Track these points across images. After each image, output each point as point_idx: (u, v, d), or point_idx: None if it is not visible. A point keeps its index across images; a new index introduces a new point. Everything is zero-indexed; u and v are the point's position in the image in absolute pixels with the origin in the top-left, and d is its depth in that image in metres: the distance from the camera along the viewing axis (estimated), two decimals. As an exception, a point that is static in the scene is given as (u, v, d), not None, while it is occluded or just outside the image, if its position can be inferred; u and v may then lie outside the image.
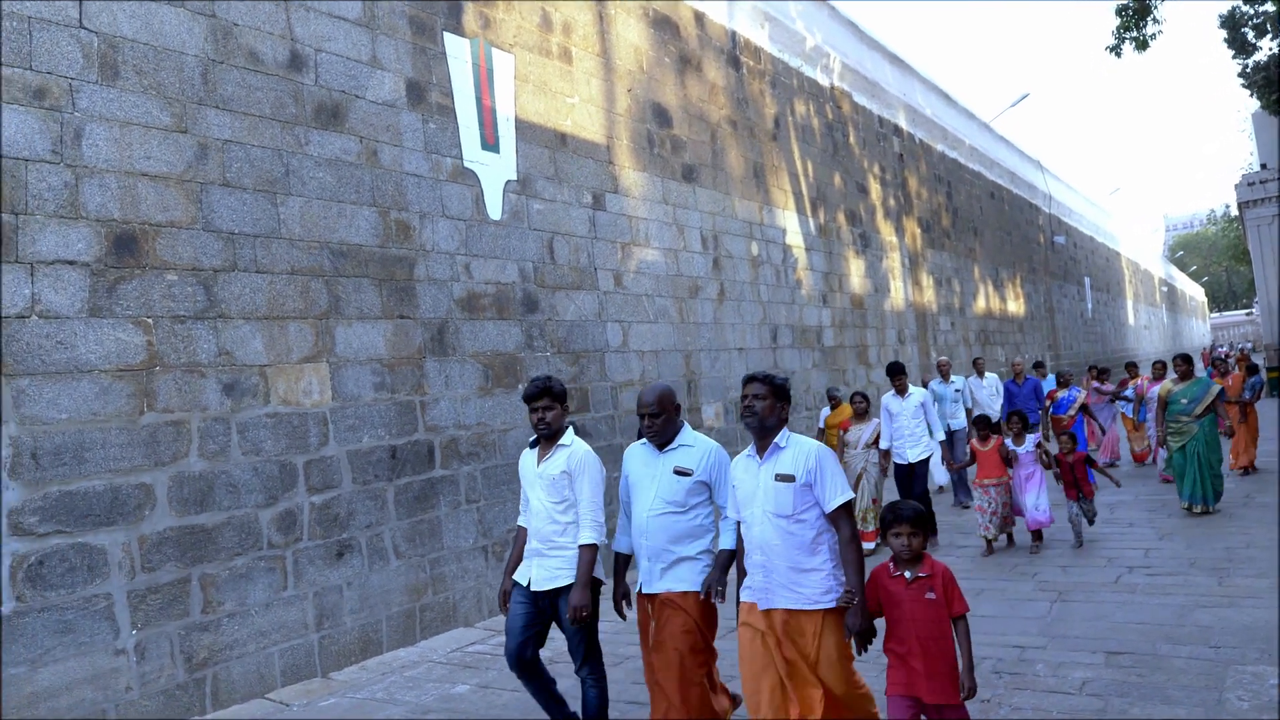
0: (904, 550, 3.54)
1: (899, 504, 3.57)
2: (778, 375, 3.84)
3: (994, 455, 8.32)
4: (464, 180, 7.61)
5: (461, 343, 7.40)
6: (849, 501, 3.67)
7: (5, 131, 4.83)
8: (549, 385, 4.25)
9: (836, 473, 3.69)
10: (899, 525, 3.55)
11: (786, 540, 3.66)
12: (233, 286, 5.82)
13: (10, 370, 4.76)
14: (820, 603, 3.65)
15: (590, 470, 4.25)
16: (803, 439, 3.78)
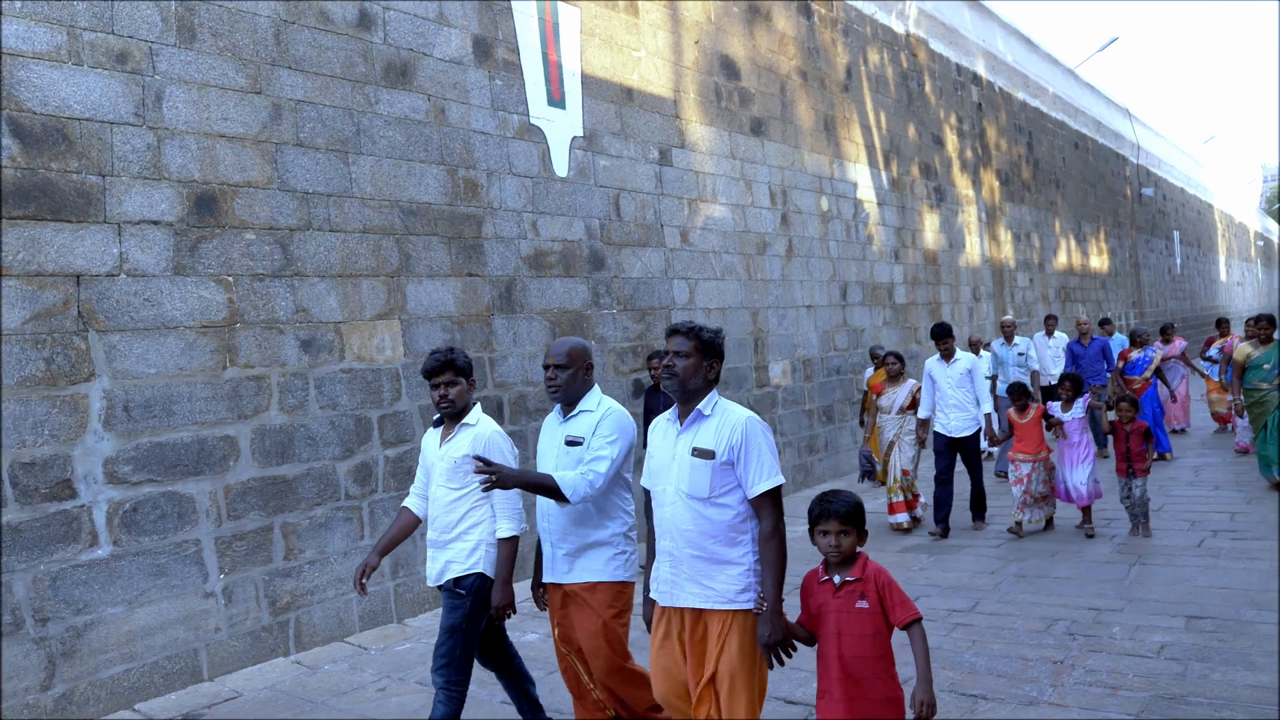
0: (832, 551, 2.97)
1: (829, 496, 3.00)
2: (706, 327, 3.20)
3: (1033, 427, 7.54)
4: (530, 137, 7.61)
5: (529, 300, 7.46)
6: (776, 488, 3.07)
7: (90, 95, 5.00)
8: (451, 358, 3.79)
9: (765, 451, 3.07)
10: (826, 521, 2.96)
11: (700, 526, 3.07)
12: (308, 245, 5.95)
13: (102, 326, 4.97)
14: (735, 602, 3.05)
15: (499, 452, 3.76)
16: (733, 407, 3.17)
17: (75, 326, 4.87)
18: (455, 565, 3.73)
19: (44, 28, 4.83)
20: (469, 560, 3.72)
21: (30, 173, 4.75)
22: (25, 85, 4.75)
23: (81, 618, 4.78)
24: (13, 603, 4.55)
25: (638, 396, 8.39)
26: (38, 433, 4.70)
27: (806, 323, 10.90)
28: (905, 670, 3.08)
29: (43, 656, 4.63)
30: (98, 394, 4.93)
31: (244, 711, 4.79)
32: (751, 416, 3.13)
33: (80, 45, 4.96)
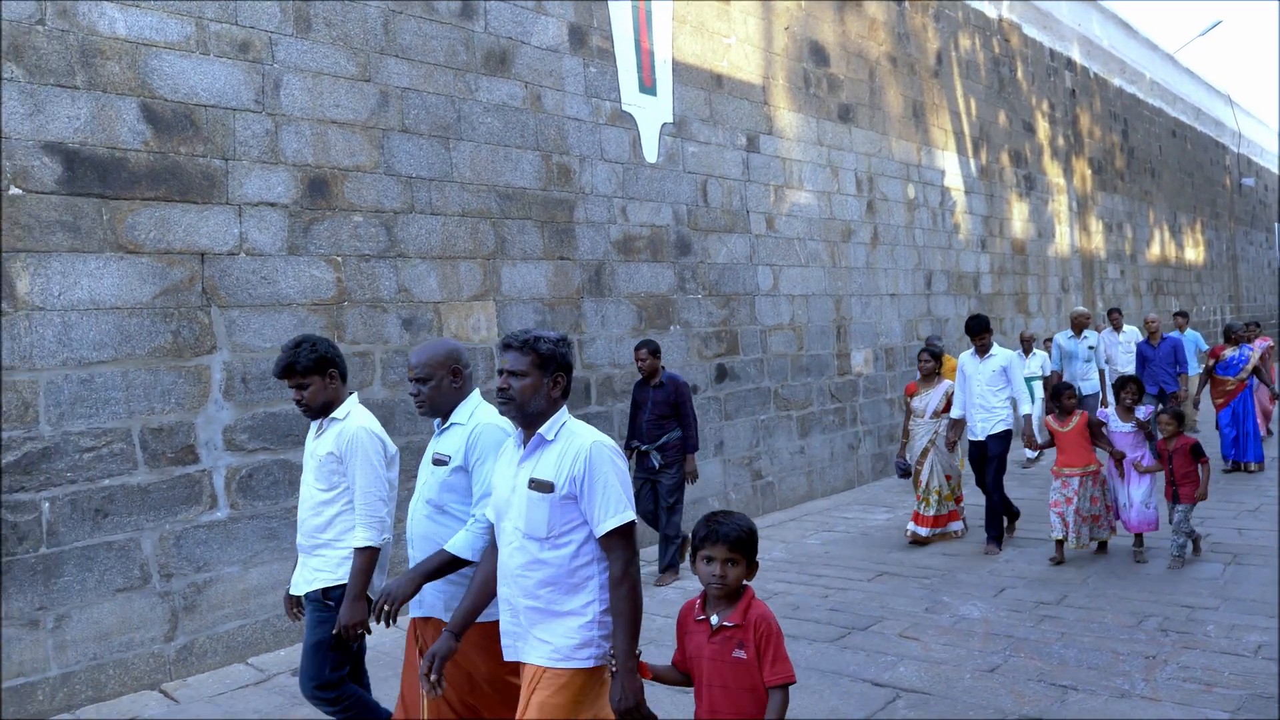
0: (714, 583, 2.50)
1: (719, 517, 2.56)
2: (545, 336, 2.70)
3: (1078, 436, 6.44)
4: (622, 123, 7.72)
5: (617, 284, 7.60)
6: (626, 525, 2.58)
7: (215, 83, 5.28)
8: (292, 360, 3.42)
9: (614, 481, 2.59)
10: (713, 545, 2.50)
11: (536, 572, 2.62)
12: (410, 228, 6.18)
13: (223, 302, 5.27)
14: (572, 659, 2.60)
15: (364, 451, 3.34)
16: (580, 430, 2.68)
17: (200, 302, 5.18)
18: (324, 575, 3.39)
19: (175, 19, 5.12)
20: (340, 570, 3.37)
21: (161, 156, 5.06)
22: (158, 74, 5.05)
23: (201, 575, 5.11)
24: (141, 558, 4.89)
25: (721, 381, 8.49)
26: (165, 400, 5.02)
27: (890, 311, 10.82)
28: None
29: (167, 610, 4.97)
30: (219, 365, 5.24)
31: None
32: (599, 441, 2.63)
33: (207, 35, 5.24)
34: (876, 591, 6.02)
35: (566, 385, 2.73)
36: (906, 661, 4.70)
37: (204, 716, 4.52)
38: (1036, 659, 4.65)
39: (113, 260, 4.86)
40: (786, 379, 9.27)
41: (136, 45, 4.97)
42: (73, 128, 4.75)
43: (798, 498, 9.30)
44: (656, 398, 6.53)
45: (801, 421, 9.42)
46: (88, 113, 4.80)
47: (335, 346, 3.57)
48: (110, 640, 4.76)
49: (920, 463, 7.34)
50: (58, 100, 4.71)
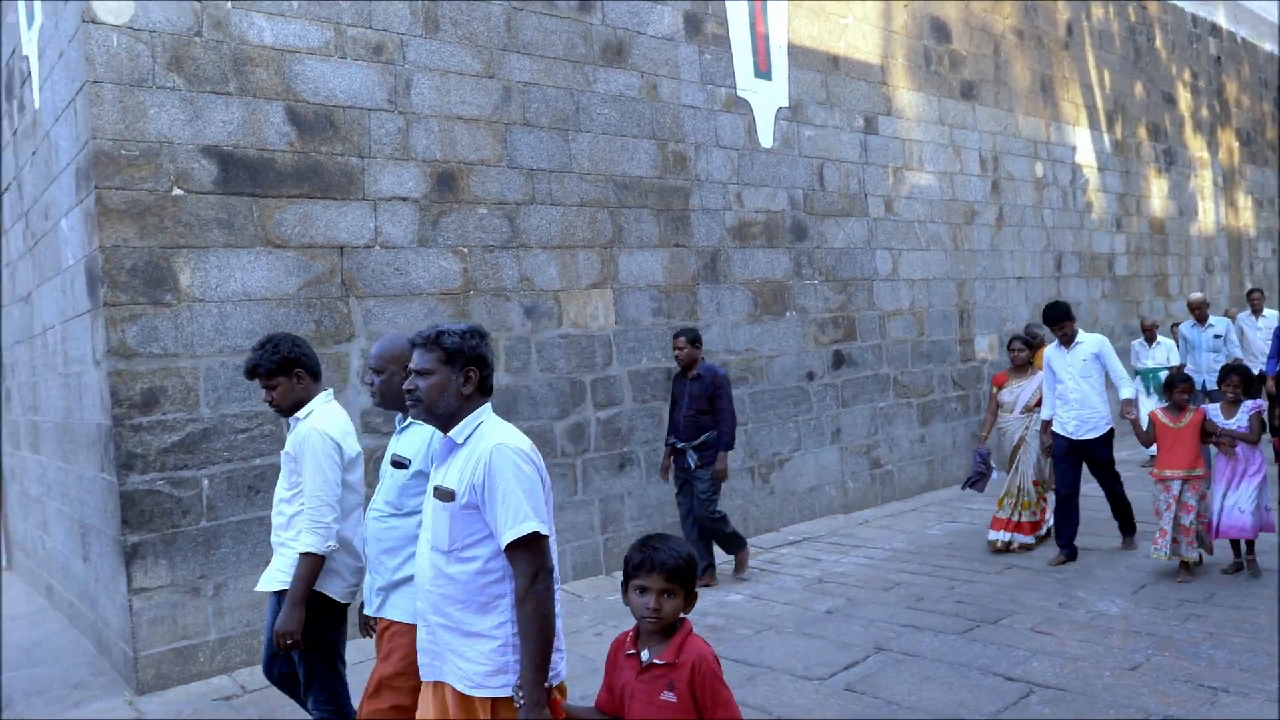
0: (647, 616, 2.25)
1: (654, 542, 2.29)
2: (451, 330, 2.48)
3: (1188, 435, 5.69)
4: (737, 109, 7.72)
5: (732, 270, 7.61)
6: (530, 536, 2.32)
7: (352, 85, 5.57)
8: (255, 363, 3.37)
9: (514, 489, 2.33)
10: (647, 574, 2.25)
11: (442, 587, 2.42)
12: (532, 218, 6.37)
13: (360, 293, 5.57)
14: (484, 687, 2.37)
15: (313, 453, 3.21)
16: (491, 432, 2.43)
17: (339, 293, 5.50)
18: (281, 576, 3.32)
19: (316, 26, 5.42)
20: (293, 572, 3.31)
21: (304, 156, 5.38)
22: (300, 78, 5.37)
23: (343, 549, 5.43)
24: (289, 532, 5.24)
25: (838, 367, 8.40)
26: (309, 386, 5.36)
27: (1016, 295, 10.44)
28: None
29: (312, 580, 5.31)
30: (356, 353, 5.55)
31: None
32: (501, 445, 2.36)
33: (344, 40, 5.53)
34: (1006, 584, 5.87)
35: (481, 380, 2.48)
36: (1040, 656, 4.58)
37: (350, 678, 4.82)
38: (1182, 659, 4.45)
39: (262, 255, 5.22)
40: (906, 365, 9.09)
41: (282, 52, 5.30)
42: (226, 131, 5.11)
43: (918, 487, 9.12)
44: (694, 391, 6.19)
45: (922, 409, 9.23)
46: (239, 117, 5.15)
47: (302, 345, 3.46)
48: (261, 608, 5.13)
49: (1010, 462, 6.82)
50: (213, 106, 5.07)
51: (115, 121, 4.77)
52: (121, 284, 4.79)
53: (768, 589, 6.09)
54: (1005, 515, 6.72)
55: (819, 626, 5.24)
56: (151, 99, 4.88)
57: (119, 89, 4.79)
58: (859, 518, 8.19)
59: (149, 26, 4.88)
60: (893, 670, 4.52)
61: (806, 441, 8.11)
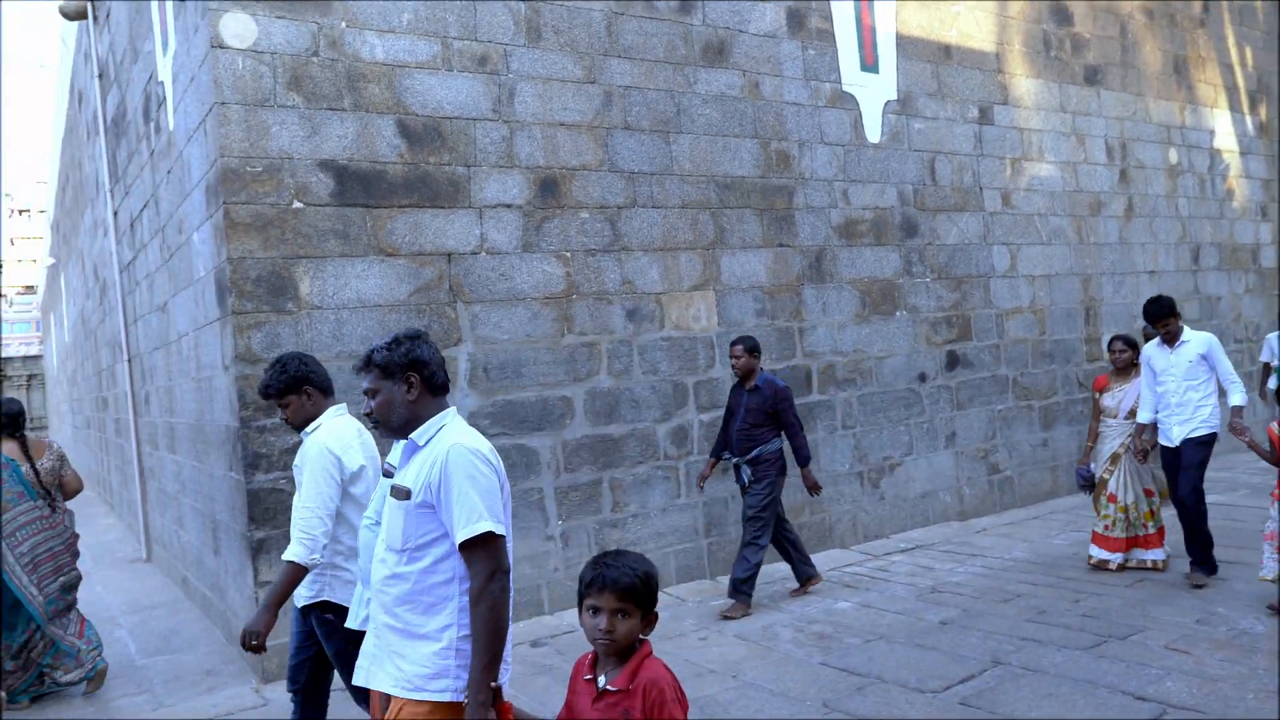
0: (600, 638, 2.14)
1: (608, 559, 2.19)
2: (378, 346, 2.52)
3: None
4: (842, 104, 7.55)
5: (839, 269, 7.45)
6: (482, 536, 2.29)
7: (458, 96, 5.72)
8: (266, 385, 3.48)
9: (469, 488, 2.31)
10: (599, 593, 2.13)
11: (393, 587, 2.40)
12: (633, 222, 6.40)
13: (467, 298, 5.72)
14: (423, 690, 2.33)
15: (311, 466, 3.30)
16: (450, 434, 2.42)
17: (447, 298, 5.65)
18: (305, 591, 3.40)
19: (424, 40, 5.60)
20: (314, 586, 3.40)
21: (414, 167, 5.56)
22: (410, 92, 5.55)
23: (452, 548, 5.58)
24: (402, 531, 5.42)
25: (952, 369, 8.11)
26: (419, 389, 5.52)
27: (1148, 290, 9.84)
28: None
29: (423, 578, 5.47)
30: (464, 356, 5.69)
31: (582, 643, 5.34)
32: (458, 445, 2.36)
33: (451, 53, 5.69)
34: (1137, 598, 5.53)
35: (426, 381, 2.49)
36: (1175, 676, 4.29)
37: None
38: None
39: (375, 263, 5.41)
40: (1026, 366, 8.69)
41: (392, 67, 5.49)
42: (341, 146, 5.33)
43: (1040, 494, 8.70)
44: (750, 403, 5.81)
45: (1044, 412, 8.80)
46: (353, 131, 5.37)
47: (309, 363, 3.55)
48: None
49: (1108, 472, 6.16)
50: (329, 122, 5.30)
51: (241, 140, 5.05)
52: (247, 293, 5.05)
53: (878, 597, 5.93)
54: (1119, 534, 6.08)
55: (932, 638, 5.06)
56: (273, 117, 5.14)
57: (244, 109, 5.06)
58: (976, 525, 7.88)
59: (271, 49, 5.14)
60: (1011, 685, 4.31)
61: (919, 445, 7.85)
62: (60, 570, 5.15)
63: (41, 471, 5.11)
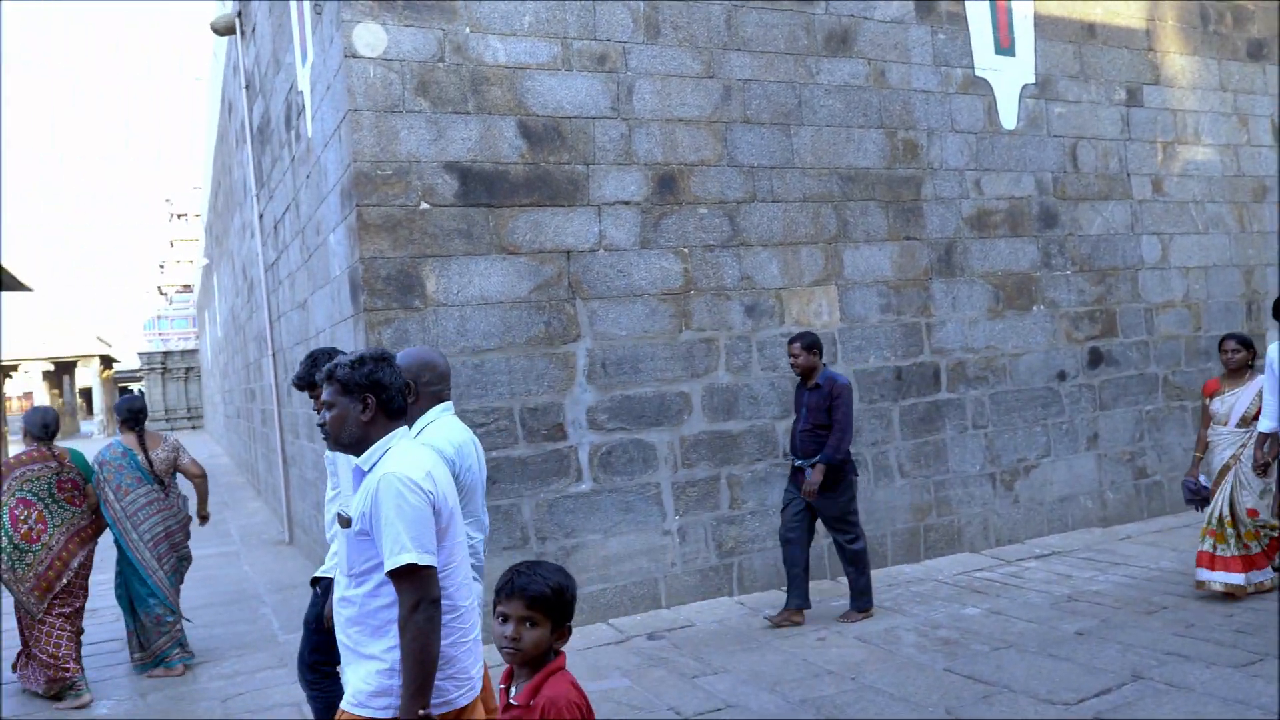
0: (504, 645, 2.11)
1: (523, 568, 2.17)
2: (342, 362, 2.53)
3: None
4: (975, 90, 7.24)
5: (970, 262, 7.15)
6: (405, 568, 2.31)
7: (577, 95, 5.80)
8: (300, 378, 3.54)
9: (394, 519, 2.33)
10: (507, 600, 2.11)
11: (345, 609, 2.48)
12: (752, 216, 6.33)
13: (586, 295, 5.79)
14: (365, 706, 2.41)
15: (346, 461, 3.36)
16: (390, 460, 2.44)
17: (566, 295, 5.74)
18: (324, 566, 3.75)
19: (544, 42, 5.70)
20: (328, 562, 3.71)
21: (534, 166, 5.67)
22: (531, 93, 5.67)
23: (570, 540, 5.67)
24: (521, 521, 5.55)
25: (1094, 366, 7.65)
26: (539, 384, 5.64)
27: (1321, 282, 9.00)
28: None
29: (543, 569, 5.58)
30: (582, 352, 5.77)
31: (697, 639, 5.33)
32: (389, 474, 2.38)
33: (570, 53, 5.78)
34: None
35: (382, 404, 2.50)
36: (1335, 700, 3.92)
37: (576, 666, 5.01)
38: None
39: (497, 261, 5.56)
40: (1179, 364, 8.11)
41: (514, 70, 5.62)
42: (465, 148, 5.50)
43: (1194, 500, 8.09)
44: (811, 402, 5.47)
45: (1199, 414, 8.18)
46: (477, 134, 5.53)
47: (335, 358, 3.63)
48: (498, 592, 5.46)
49: (1217, 481, 5.53)
50: (454, 125, 5.47)
51: (372, 145, 5.28)
52: (378, 291, 5.28)
53: (1009, 604, 5.65)
54: (1230, 552, 5.42)
55: (1067, 648, 4.79)
56: (402, 122, 5.35)
57: (375, 115, 5.29)
58: (1119, 532, 7.40)
59: (399, 56, 5.35)
60: (1152, 701, 4.03)
61: (1057, 447, 7.45)
62: (175, 547, 5.60)
63: (155, 460, 5.56)
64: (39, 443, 5.29)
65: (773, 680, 4.60)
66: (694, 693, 4.51)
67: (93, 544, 5.39)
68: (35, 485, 5.19)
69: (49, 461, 5.26)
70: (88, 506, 5.38)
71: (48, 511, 5.19)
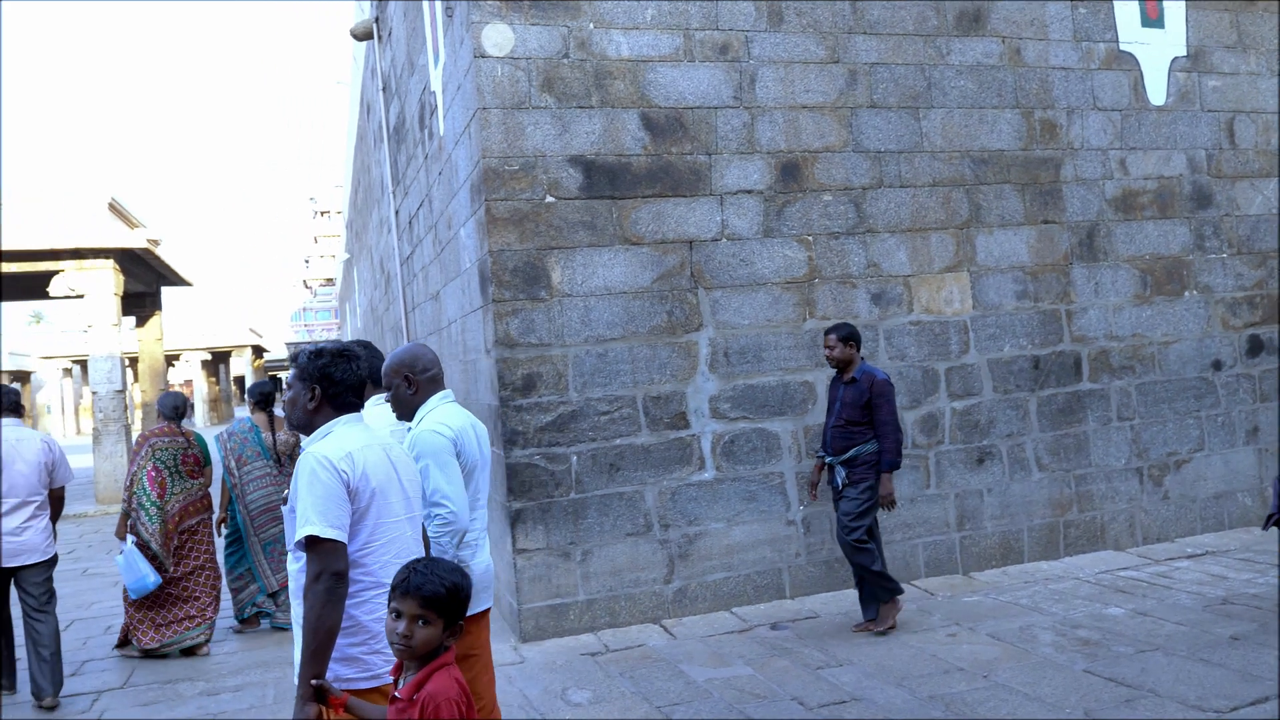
0: (395, 641, 2.12)
1: (419, 565, 2.17)
2: (304, 351, 2.70)
3: None
4: (1119, 65, 6.84)
5: (1114, 246, 6.78)
6: (308, 539, 2.42)
7: (699, 86, 5.82)
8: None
9: (306, 493, 2.46)
10: (401, 598, 2.13)
11: (291, 582, 2.61)
12: (879, 202, 6.19)
13: (708, 284, 5.81)
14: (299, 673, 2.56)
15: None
16: (333, 437, 2.58)
17: (688, 285, 5.77)
18: None
19: (667, 34, 5.74)
20: None
21: (656, 158, 5.73)
22: (653, 85, 5.72)
23: (693, 528, 5.72)
24: (644, 509, 5.63)
25: (1254, 355, 7.13)
26: (662, 373, 5.70)
27: None
28: None
29: (665, 556, 5.65)
30: (704, 342, 5.79)
31: (822, 630, 5.29)
32: (309, 454, 2.52)
33: (692, 44, 5.80)
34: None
35: (328, 396, 2.63)
36: None
37: (699, 653, 5.07)
38: None
39: (620, 252, 5.64)
40: (1353, 353, 7.45)
41: (636, 63, 5.69)
42: (589, 141, 5.60)
43: (1370, 501, 7.43)
44: (846, 397, 5.22)
45: (1377, 406, 7.50)
46: (600, 127, 5.62)
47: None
48: (622, 576, 5.57)
49: None
50: (578, 120, 5.58)
51: (500, 141, 5.45)
52: (506, 283, 5.45)
53: (1156, 605, 5.36)
54: None
55: (1219, 653, 4.50)
56: (528, 118, 5.50)
57: (502, 112, 5.46)
58: (1283, 534, 6.88)
59: (526, 54, 5.50)
60: (1317, 716, 3.75)
61: (1211, 441, 6.98)
62: (276, 520, 6.10)
63: (278, 441, 6.19)
64: (169, 422, 5.98)
65: (900, 675, 4.52)
66: (818, 684, 4.48)
67: (206, 515, 6.04)
68: (163, 455, 5.85)
69: (177, 437, 5.94)
70: (204, 482, 6.04)
71: (170, 480, 5.84)
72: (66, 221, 13.62)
